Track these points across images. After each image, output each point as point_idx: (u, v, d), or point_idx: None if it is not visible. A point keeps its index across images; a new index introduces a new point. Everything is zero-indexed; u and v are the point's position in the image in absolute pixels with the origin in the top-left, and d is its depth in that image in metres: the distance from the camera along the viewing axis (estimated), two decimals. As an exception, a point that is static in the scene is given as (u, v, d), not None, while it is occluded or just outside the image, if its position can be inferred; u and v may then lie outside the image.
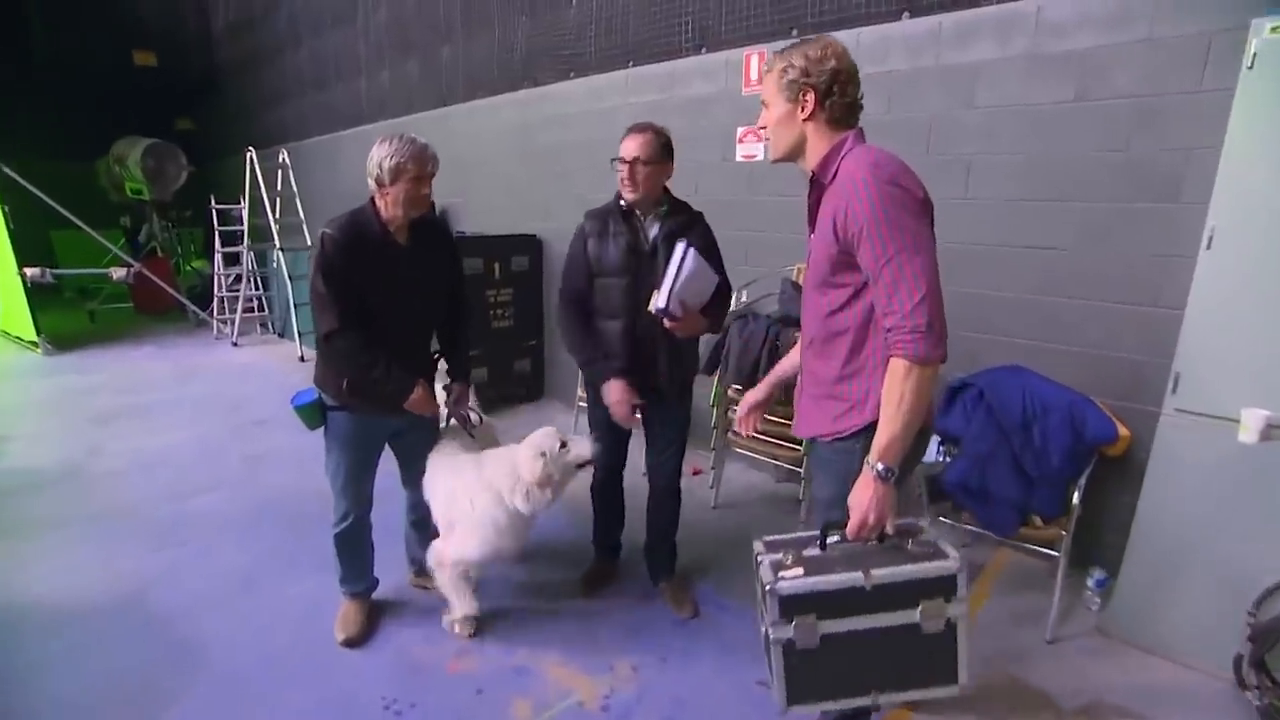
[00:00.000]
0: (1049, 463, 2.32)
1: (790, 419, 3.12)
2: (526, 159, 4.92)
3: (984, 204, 2.74)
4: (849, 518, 1.37)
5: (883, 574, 1.35)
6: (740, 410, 1.92)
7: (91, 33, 10.55)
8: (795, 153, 1.47)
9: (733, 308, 3.25)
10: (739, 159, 3.57)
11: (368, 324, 2.01)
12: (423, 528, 2.44)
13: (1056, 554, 2.32)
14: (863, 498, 1.35)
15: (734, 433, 1.97)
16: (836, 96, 1.39)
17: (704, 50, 3.66)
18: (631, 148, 2.16)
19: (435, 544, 2.33)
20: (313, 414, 2.17)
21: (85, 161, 9.43)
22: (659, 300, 2.03)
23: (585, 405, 2.49)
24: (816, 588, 1.35)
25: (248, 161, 6.86)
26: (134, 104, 10.32)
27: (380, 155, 1.94)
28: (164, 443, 4.21)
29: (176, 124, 11.30)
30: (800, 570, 1.38)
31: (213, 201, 7.56)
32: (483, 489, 2.19)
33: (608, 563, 2.76)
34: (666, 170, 2.22)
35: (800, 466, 3.05)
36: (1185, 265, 2.36)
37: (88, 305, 8.46)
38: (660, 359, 2.28)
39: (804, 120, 1.41)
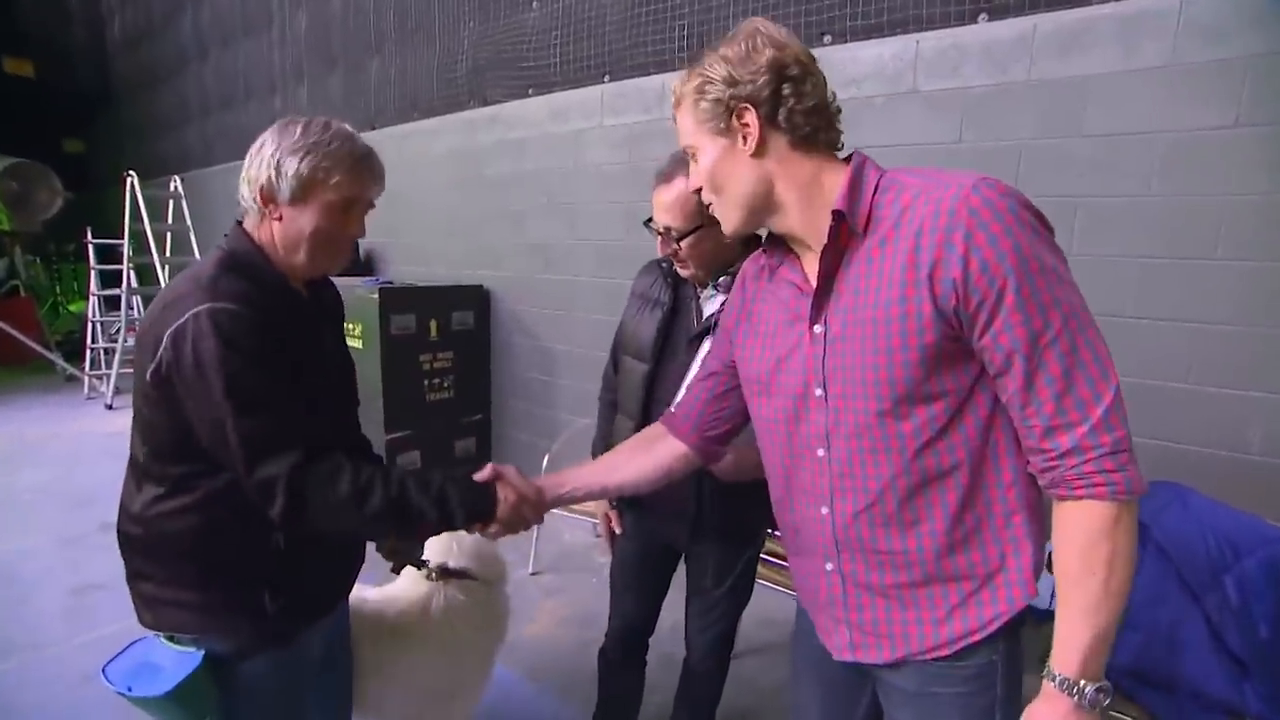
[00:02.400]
0: (1255, 634, 1.61)
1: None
2: (472, 193, 4.08)
3: (1100, 260, 2.05)
4: None
5: None
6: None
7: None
8: (762, 210, 0.93)
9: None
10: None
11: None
12: None
13: (1282, 779, 1.58)
14: None
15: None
16: (792, 101, 0.87)
17: (704, 61, 2.94)
18: (661, 208, 1.42)
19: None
20: (204, 692, 1.11)
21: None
22: None
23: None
24: None
25: (127, 189, 5.75)
26: (4, 118, 8.91)
27: (281, 149, 1.05)
28: (-50, 567, 3.00)
29: (65, 145, 9.94)
30: None
31: (89, 235, 6.37)
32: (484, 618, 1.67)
33: None
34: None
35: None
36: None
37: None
38: (697, 485, 1.49)
39: (754, 155, 0.89)
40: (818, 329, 0.93)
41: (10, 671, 2.34)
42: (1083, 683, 0.81)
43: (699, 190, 0.97)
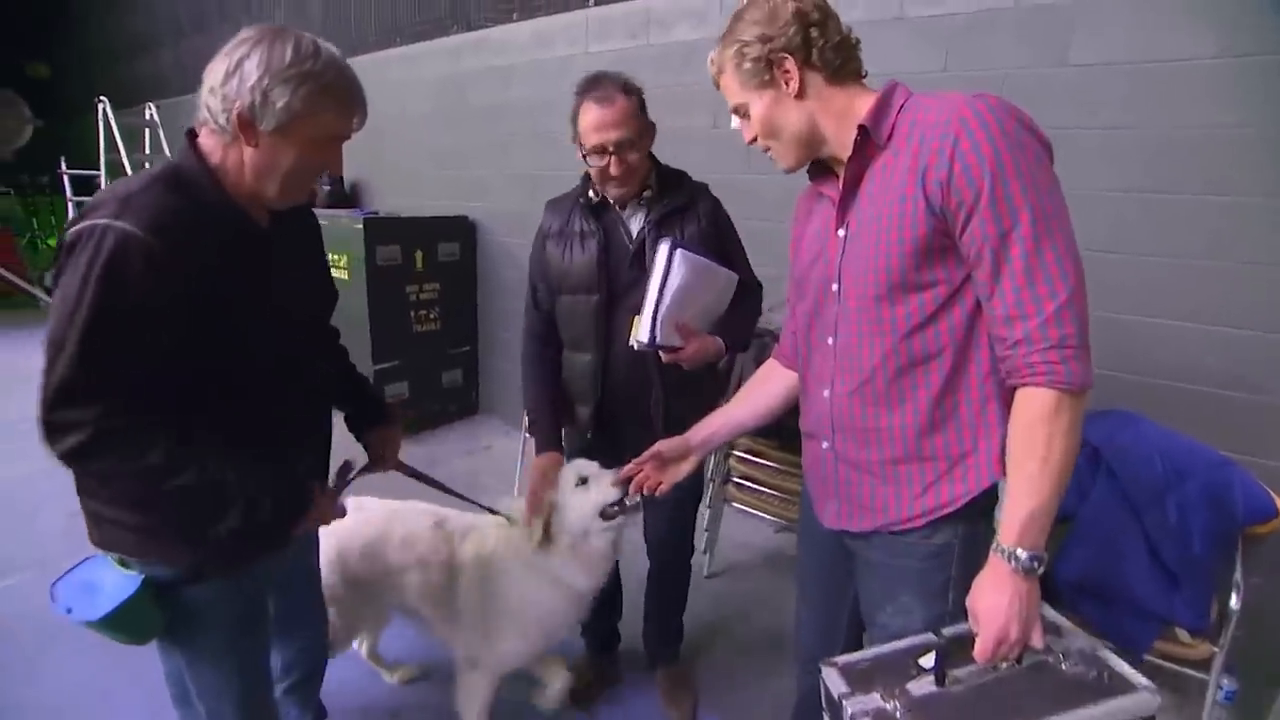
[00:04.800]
0: (1189, 550, 1.71)
1: (784, 461, 2.50)
2: (456, 123, 4.01)
3: (1078, 194, 2.04)
4: (970, 630, 0.97)
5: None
6: (639, 462, 1.39)
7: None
8: (813, 144, 1.05)
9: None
10: (735, 125, 2.79)
11: (209, 391, 1.02)
12: (309, 686, 1.56)
13: (1205, 677, 1.71)
14: (997, 603, 0.93)
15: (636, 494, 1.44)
16: (820, 43, 0.99)
17: (690, -16, 2.86)
18: (608, 126, 1.47)
19: (467, 645, 1.66)
20: (145, 617, 1.08)
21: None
22: (641, 332, 1.47)
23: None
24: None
25: (100, 116, 5.58)
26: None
27: (270, 73, 0.94)
28: (-52, 493, 3.04)
29: (28, 69, 9.52)
30: (923, 730, 0.90)
31: (64, 165, 6.22)
32: (532, 572, 1.57)
33: (601, 660, 2.06)
34: (651, 140, 1.57)
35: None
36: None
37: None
38: (654, 393, 1.64)
39: (798, 97, 1.01)
40: (841, 232, 1.05)
41: (19, 585, 2.44)
42: (1019, 550, 0.91)
43: (753, 141, 1.07)
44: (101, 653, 2.05)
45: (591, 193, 1.60)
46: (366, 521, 1.71)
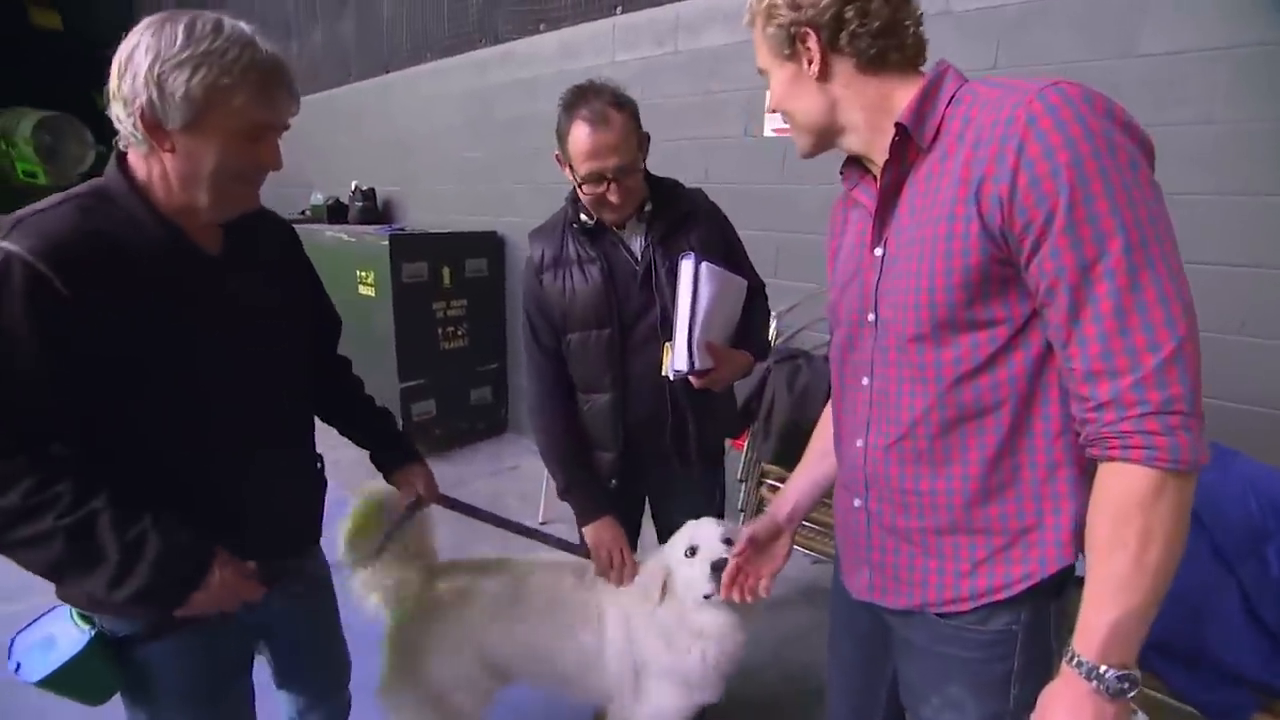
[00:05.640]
0: (1294, 607, 1.48)
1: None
2: (483, 136, 3.96)
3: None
4: None
5: None
6: (735, 557, 1.18)
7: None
8: (829, 132, 0.89)
9: (770, 338, 2.35)
10: (768, 133, 2.66)
11: (125, 426, 0.93)
12: None
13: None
14: None
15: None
16: (855, 24, 0.81)
17: (720, -13, 2.74)
18: (605, 152, 1.32)
19: (619, 707, 1.52)
20: (96, 677, 1.00)
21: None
22: (678, 360, 1.32)
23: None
24: None
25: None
26: (33, 72, 8.94)
27: (161, 60, 0.84)
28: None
29: (96, 99, 9.95)
30: None
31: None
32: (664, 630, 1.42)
33: None
34: (647, 153, 1.44)
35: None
36: None
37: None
38: (686, 423, 1.53)
39: (820, 79, 0.85)
40: (878, 251, 0.88)
41: (30, 610, 2.43)
42: (1103, 668, 0.71)
43: (775, 110, 0.93)
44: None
45: (584, 215, 1.46)
46: (493, 593, 1.51)
